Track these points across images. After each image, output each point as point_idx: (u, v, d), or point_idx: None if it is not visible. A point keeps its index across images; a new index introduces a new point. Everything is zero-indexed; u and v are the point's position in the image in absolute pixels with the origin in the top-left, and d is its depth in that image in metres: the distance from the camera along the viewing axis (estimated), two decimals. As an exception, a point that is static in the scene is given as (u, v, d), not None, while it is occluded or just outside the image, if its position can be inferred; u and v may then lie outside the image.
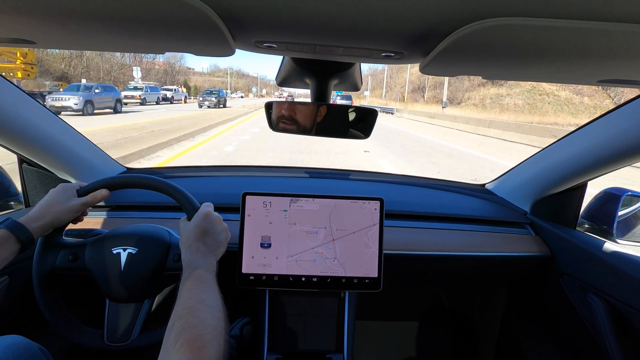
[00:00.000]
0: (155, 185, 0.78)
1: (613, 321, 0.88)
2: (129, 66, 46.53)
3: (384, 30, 0.45)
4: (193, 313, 0.55)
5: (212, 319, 0.55)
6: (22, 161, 1.01)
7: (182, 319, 0.54)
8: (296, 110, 0.81)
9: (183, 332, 0.51)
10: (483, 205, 1.24)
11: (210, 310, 0.57)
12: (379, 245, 0.91)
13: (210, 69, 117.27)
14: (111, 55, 43.86)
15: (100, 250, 0.78)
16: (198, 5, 0.38)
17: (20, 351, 0.68)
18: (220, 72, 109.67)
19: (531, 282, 1.17)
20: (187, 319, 0.53)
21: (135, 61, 49.11)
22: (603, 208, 1.04)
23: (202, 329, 0.52)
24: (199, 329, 0.52)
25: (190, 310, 0.55)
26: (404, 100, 51.76)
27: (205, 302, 0.58)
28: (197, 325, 0.53)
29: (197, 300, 0.58)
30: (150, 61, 61.05)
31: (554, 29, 0.37)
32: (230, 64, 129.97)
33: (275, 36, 0.51)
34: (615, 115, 0.83)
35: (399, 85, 59.25)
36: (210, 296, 0.60)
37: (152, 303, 0.82)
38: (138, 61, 50.15)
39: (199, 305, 0.57)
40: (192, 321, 0.53)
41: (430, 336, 1.55)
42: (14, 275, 0.89)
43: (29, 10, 0.41)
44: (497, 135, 14.26)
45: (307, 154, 7.71)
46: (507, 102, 20.26)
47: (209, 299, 0.59)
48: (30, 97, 0.89)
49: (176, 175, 1.32)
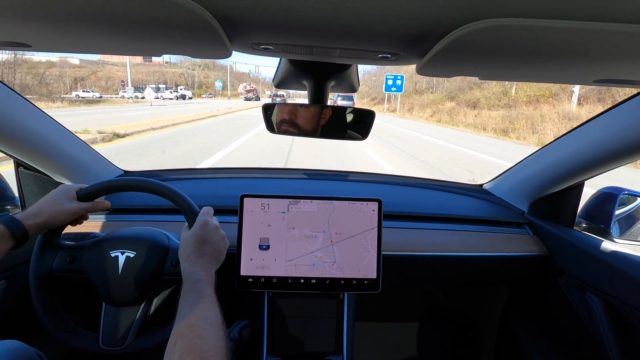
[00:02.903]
0: (154, 189, 0.78)
1: (611, 319, 0.88)
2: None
3: (380, 31, 0.45)
4: (196, 332, 0.54)
5: (216, 339, 0.55)
6: (19, 165, 1.00)
7: (185, 337, 0.53)
8: (294, 113, 0.81)
9: (187, 353, 0.51)
10: (481, 205, 1.25)
11: (212, 329, 0.56)
12: (378, 248, 0.91)
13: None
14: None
15: (98, 253, 0.77)
16: (194, 7, 0.38)
17: (17, 356, 0.67)
18: (188, 63, 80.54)
19: (529, 282, 1.17)
20: (191, 338, 0.53)
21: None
22: (600, 207, 1.05)
23: (207, 351, 0.52)
24: (203, 350, 0.52)
25: (193, 329, 0.55)
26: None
27: (208, 320, 0.57)
28: (201, 346, 0.52)
29: (200, 318, 0.57)
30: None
31: (550, 29, 0.37)
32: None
33: (271, 38, 0.51)
34: (610, 115, 0.83)
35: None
36: (212, 313, 0.59)
37: (149, 307, 0.82)
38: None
39: (202, 323, 0.56)
40: (196, 342, 0.53)
41: (430, 336, 1.54)
42: (11, 280, 0.88)
43: (24, 14, 0.41)
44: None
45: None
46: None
47: (211, 316, 0.59)
48: (27, 101, 0.88)
49: (175, 177, 1.31)
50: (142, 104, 31.37)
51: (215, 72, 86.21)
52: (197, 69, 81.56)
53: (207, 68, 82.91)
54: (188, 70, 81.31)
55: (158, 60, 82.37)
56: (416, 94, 35.54)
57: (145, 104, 29.83)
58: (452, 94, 28.92)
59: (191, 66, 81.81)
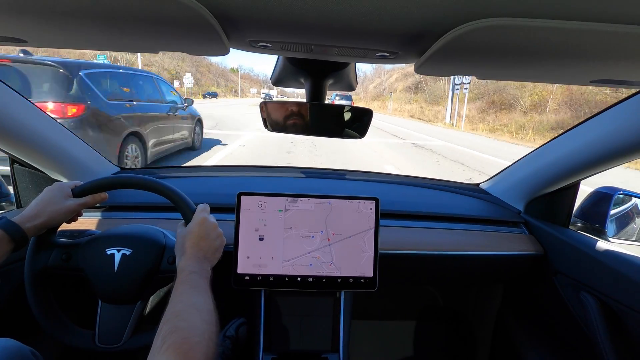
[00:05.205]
0: (151, 186, 0.77)
1: (605, 318, 0.89)
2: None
3: (378, 30, 0.45)
4: (181, 317, 0.54)
5: (201, 322, 0.54)
6: (14, 161, 1.00)
7: (169, 322, 0.53)
8: (291, 111, 0.81)
9: (169, 335, 0.50)
10: (477, 204, 1.25)
11: (199, 314, 0.56)
12: (375, 246, 0.91)
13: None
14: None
15: (94, 251, 0.77)
16: (192, 4, 0.37)
17: (11, 354, 0.67)
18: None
19: (525, 281, 1.18)
20: (175, 322, 0.53)
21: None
22: (595, 207, 1.05)
23: (189, 333, 0.51)
24: (186, 332, 0.51)
25: (178, 315, 0.54)
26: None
27: (195, 306, 0.57)
28: (184, 328, 0.52)
29: (187, 305, 0.57)
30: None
31: (547, 29, 0.37)
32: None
33: (269, 36, 0.51)
34: (606, 116, 0.84)
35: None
36: (201, 300, 0.59)
37: (145, 305, 0.82)
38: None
39: (189, 308, 0.56)
40: (180, 325, 0.52)
41: (426, 335, 1.55)
42: (6, 278, 0.88)
43: (20, 9, 0.41)
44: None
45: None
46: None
47: (199, 303, 0.58)
48: (22, 97, 0.87)
49: (171, 175, 1.31)
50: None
51: (187, 63, 66.85)
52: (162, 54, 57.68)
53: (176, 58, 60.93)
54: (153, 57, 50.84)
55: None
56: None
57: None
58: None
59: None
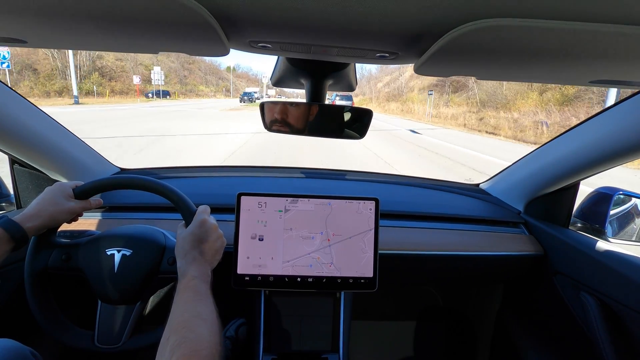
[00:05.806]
0: (151, 187, 0.77)
1: (605, 319, 0.89)
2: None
3: (378, 30, 0.45)
4: (189, 328, 0.54)
5: (209, 334, 0.55)
6: (14, 162, 0.99)
7: (177, 333, 0.53)
8: (291, 111, 0.81)
9: (179, 347, 0.51)
10: (477, 204, 1.25)
11: (206, 324, 0.56)
12: (375, 247, 0.91)
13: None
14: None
15: (94, 251, 0.77)
16: (192, 5, 0.37)
17: (11, 355, 0.67)
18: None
19: (525, 281, 1.18)
20: (183, 333, 0.53)
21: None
22: (595, 207, 1.05)
23: (198, 345, 0.52)
24: (195, 344, 0.52)
25: (185, 325, 0.55)
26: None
27: (201, 316, 0.57)
28: (193, 340, 0.52)
29: (193, 314, 0.57)
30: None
31: (547, 30, 0.37)
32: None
33: (269, 36, 0.51)
34: (606, 116, 0.84)
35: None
36: (206, 309, 0.59)
37: (145, 305, 0.82)
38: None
39: (195, 319, 0.56)
40: (188, 336, 0.53)
41: (426, 335, 1.55)
42: (6, 278, 0.88)
43: (20, 9, 0.41)
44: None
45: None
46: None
47: (205, 312, 0.59)
48: (22, 97, 0.87)
49: (171, 175, 1.31)
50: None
51: (171, 58, 53.36)
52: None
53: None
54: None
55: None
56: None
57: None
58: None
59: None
